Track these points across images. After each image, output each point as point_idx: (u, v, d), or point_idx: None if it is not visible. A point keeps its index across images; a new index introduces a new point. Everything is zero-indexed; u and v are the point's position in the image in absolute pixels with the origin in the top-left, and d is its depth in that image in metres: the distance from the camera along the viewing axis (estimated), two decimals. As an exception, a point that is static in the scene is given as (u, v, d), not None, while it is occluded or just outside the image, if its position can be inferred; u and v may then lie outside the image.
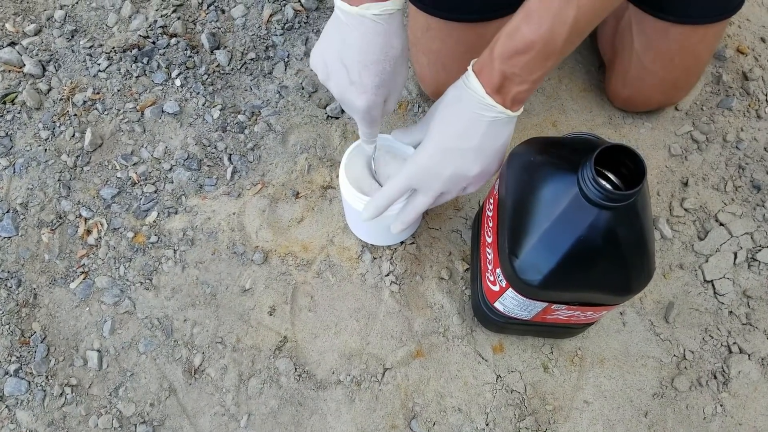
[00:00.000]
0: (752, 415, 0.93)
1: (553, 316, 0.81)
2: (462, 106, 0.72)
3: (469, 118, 0.71)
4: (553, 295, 0.75)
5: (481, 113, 0.71)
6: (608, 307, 0.77)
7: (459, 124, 0.72)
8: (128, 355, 0.96)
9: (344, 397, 0.93)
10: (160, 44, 1.15)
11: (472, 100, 0.70)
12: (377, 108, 0.78)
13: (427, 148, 0.75)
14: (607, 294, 0.72)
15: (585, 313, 0.79)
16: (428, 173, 0.75)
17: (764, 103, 1.13)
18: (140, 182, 1.06)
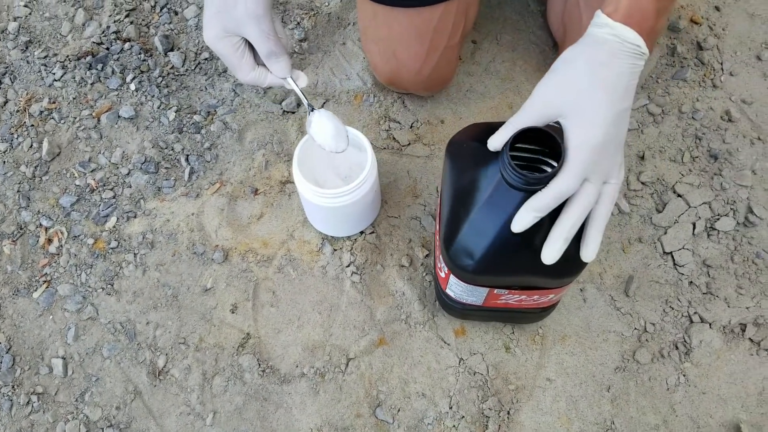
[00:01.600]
0: (716, 383, 0.93)
1: (503, 300, 0.81)
2: (619, 62, 0.63)
3: (628, 73, 0.64)
4: (491, 280, 0.75)
5: (636, 63, 0.64)
6: (554, 290, 0.77)
7: (622, 82, 0.63)
8: (93, 360, 0.96)
9: (308, 389, 0.94)
10: (114, 50, 1.16)
11: (629, 52, 0.63)
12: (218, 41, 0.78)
13: (599, 120, 0.63)
14: (544, 277, 0.72)
15: (532, 297, 0.79)
16: (602, 151, 0.63)
17: (720, 72, 1.13)
18: (99, 188, 1.06)
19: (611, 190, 0.65)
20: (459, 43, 1.04)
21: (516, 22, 1.18)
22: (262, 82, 0.84)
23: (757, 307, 0.97)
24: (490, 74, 1.14)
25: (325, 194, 0.90)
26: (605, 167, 0.64)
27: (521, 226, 0.64)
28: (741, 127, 1.08)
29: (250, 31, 0.78)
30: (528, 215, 0.63)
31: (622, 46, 0.63)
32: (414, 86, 1.05)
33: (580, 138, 0.63)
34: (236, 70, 0.82)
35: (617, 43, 0.63)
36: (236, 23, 0.77)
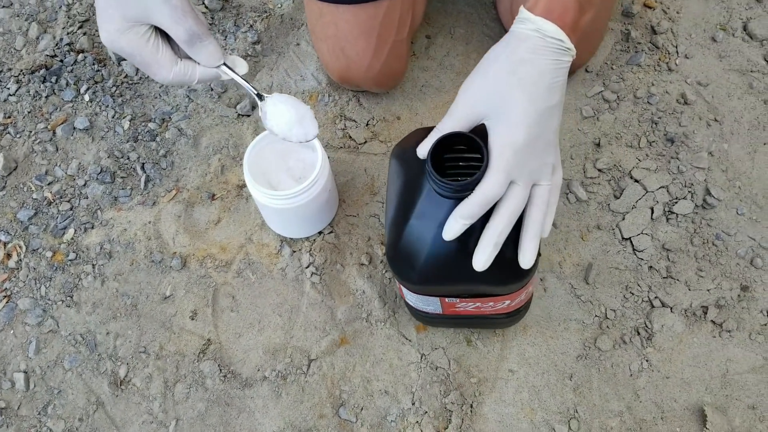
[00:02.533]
0: (679, 367, 0.93)
1: (461, 308, 0.80)
2: (541, 59, 0.61)
3: (552, 69, 0.61)
4: (436, 290, 0.74)
5: (561, 60, 0.62)
6: (506, 296, 0.76)
7: (545, 80, 0.61)
8: (54, 373, 0.96)
9: (270, 392, 0.93)
10: (68, 62, 1.15)
11: (551, 48, 0.61)
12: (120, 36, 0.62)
13: (520, 119, 0.61)
14: (486, 285, 0.70)
15: (486, 304, 0.77)
16: (526, 151, 0.61)
17: (674, 55, 1.13)
18: (56, 201, 1.06)
19: (542, 193, 0.63)
20: (407, 37, 1.04)
21: (469, 15, 1.18)
22: (192, 77, 0.69)
23: (718, 288, 0.97)
24: (445, 68, 1.14)
25: (277, 196, 0.90)
26: (533, 168, 0.62)
27: (451, 234, 0.63)
28: (697, 109, 1.08)
29: (159, 12, 0.61)
30: (456, 223, 0.62)
31: (543, 41, 0.61)
32: (365, 83, 1.04)
33: (501, 140, 0.61)
34: (154, 68, 0.66)
35: (538, 38, 0.61)
36: (139, 6, 0.61)
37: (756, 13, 1.15)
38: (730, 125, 1.07)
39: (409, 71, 1.13)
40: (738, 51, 1.12)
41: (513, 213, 0.62)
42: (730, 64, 1.12)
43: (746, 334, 0.94)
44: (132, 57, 0.65)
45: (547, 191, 0.64)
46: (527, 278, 0.72)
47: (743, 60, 1.12)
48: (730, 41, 1.13)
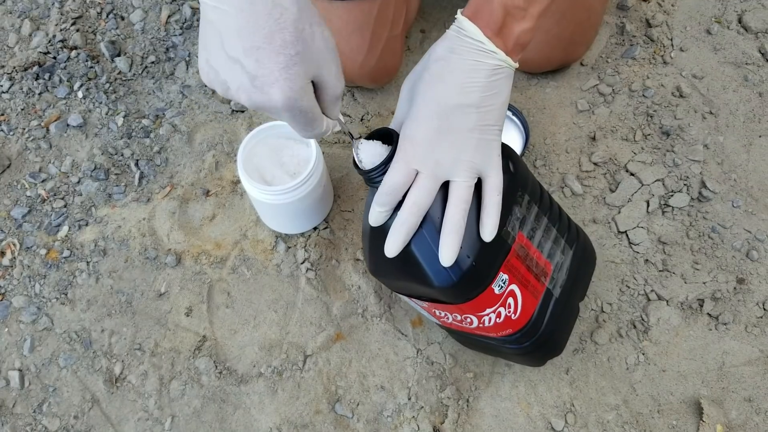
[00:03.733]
0: (675, 360, 0.93)
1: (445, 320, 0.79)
2: (456, 57, 0.62)
3: (468, 69, 0.62)
4: (390, 285, 0.76)
5: (480, 61, 0.62)
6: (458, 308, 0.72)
7: (456, 78, 0.62)
8: (49, 370, 0.95)
9: (266, 388, 0.93)
10: (61, 58, 1.15)
11: (470, 48, 0.62)
12: (303, 95, 0.56)
13: (422, 113, 0.63)
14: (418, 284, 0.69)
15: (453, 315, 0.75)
16: (429, 144, 0.62)
17: (670, 48, 1.13)
18: (49, 198, 1.05)
19: (457, 189, 0.64)
20: (402, 33, 1.04)
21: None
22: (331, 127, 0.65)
23: (714, 281, 0.97)
24: (440, 63, 1.14)
25: (271, 191, 0.90)
26: (438, 162, 0.63)
27: (372, 220, 0.66)
28: (692, 102, 1.08)
29: (329, 70, 0.59)
30: (374, 210, 0.65)
31: (461, 41, 0.62)
32: (360, 79, 1.04)
33: (404, 131, 0.64)
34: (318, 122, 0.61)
35: (456, 37, 0.63)
36: (318, 63, 0.57)
37: (751, 6, 1.15)
38: (726, 118, 1.07)
39: (404, 66, 1.13)
40: (733, 43, 1.12)
41: (414, 203, 0.63)
42: (725, 57, 1.11)
43: (742, 327, 0.94)
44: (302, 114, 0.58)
45: (465, 188, 0.64)
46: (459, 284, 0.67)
47: (738, 53, 1.11)
48: (725, 34, 1.13)
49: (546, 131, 1.07)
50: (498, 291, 0.71)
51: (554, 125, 1.08)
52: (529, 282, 0.74)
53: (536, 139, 1.07)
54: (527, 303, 0.75)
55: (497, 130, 0.66)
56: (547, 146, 1.06)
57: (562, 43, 1.04)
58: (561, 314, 0.80)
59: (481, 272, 0.68)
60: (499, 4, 0.63)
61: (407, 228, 0.64)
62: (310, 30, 0.55)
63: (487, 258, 0.68)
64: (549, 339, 0.80)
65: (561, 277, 0.79)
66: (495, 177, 0.66)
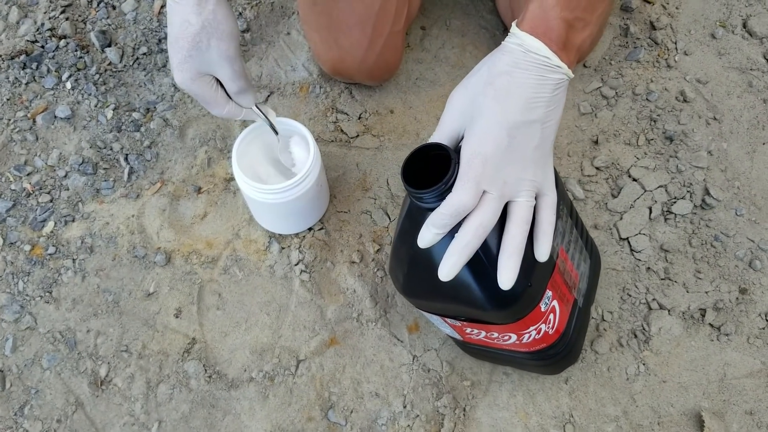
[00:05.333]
0: (676, 371, 0.91)
1: (473, 337, 0.76)
2: (521, 72, 0.60)
3: (533, 83, 0.60)
4: (424, 305, 0.72)
5: (546, 76, 0.61)
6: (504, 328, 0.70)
7: (523, 93, 0.60)
8: (32, 372, 0.92)
9: (257, 394, 0.90)
10: (49, 47, 1.11)
11: (535, 63, 0.60)
12: (192, 84, 0.78)
13: (490, 130, 0.60)
14: (467, 306, 0.66)
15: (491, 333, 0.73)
16: (498, 162, 0.60)
17: (674, 52, 1.11)
18: (35, 192, 1.02)
19: (520, 209, 0.61)
20: (403, 29, 1.01)
21: (465, 6, 1.15)
22: (237, 114, 0.84)
23: (716, 291, 0.95)
24: (440, 61, 1.11)
25: (267, 190, 0.87)
26: (506, 181, 0.60)
27: (424, 242, 0.62)
28: (696, 108, 1.06)
29: (223, 71, 0.78)
30: (428, 232, 0.61)
31: (526, 55, 0.60)
32: (359, 75, 1.01)
33: (471, 149, 0.60)
34: (212, 105, 0.82)
35: (520, 53, 0.61)
36: (209, 65, 0.78)
37: (756, 10, 1.13)
38: (730, 124, 1.05)
39: (404, 63, 1.10)
40: (738, 48, 1.10)
41: (481, 225, 0.60)
42: (730, 62, 1.10)
43: (744, 338, 0.92)
44: (197, 96, 0.81)
45: (527, 208, 0.62)
46: (513, 306, 0.65)
47: (743, 58, 1.10)
48: (730, 38, 1.11)
49: (548, 134, 1.05)
50: (544, 309, 0.69)
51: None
52: (566, 296, 0.73)
53: (537, 141, 1.04)
54: (563, 317, 0.73)
55: (552, 145, 0.64)
56: (548, 149, 1.04)
57: (566, 44, 1.02)
58: (582, 323, 0.79)
59: (533, 291, 0.66)
60: (560, 19, 0.60)
61: (470, 251, 0.60)
62: (206, 42, 0.76)
63: (539, 277, 0.66)
64: (572, 349, 0.79)
65: (584, 286, 0.79)
66: (551, 195, 0.64)
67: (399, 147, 1.04)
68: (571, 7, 0.61)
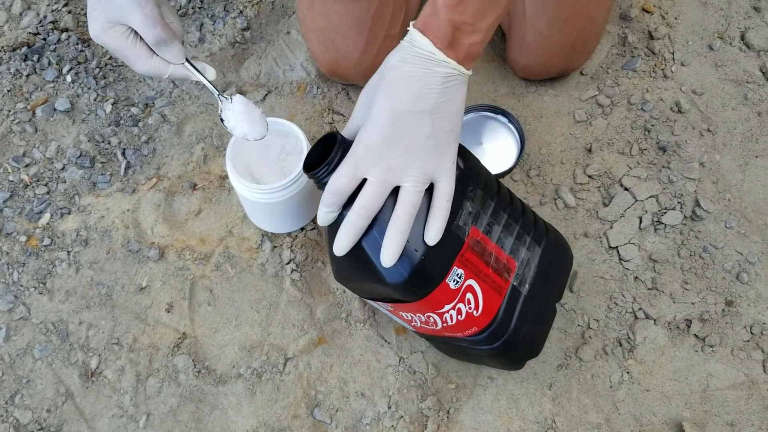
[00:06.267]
0: (659, 380, 0.92)
1: (415, 324, 0.78)
2: (410, 66, 0.64)
3: (421, 76, 0.64)
4: (354, 288, 0.77)
5: (433, 69, 0.63)
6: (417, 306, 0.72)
7: (410, 84, 0.64)
8: (23, 361, 0.94)
9: (245, 390, 0.92)
10: (51, 40, 1.12)
11: (422, 58, 0.64)
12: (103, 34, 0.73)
13: (376, 119, 0.64)
14: (375, 284, 0.69)
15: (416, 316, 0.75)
16: (380, 149, 0.64)
17: (671, 62, 1.11)
18: (32, 184, 1.03)
19: (405, 194, 0.65)
20: (400, 33, 1.01)
21: (464, 11, 1.15)
22: (164, 71, 0.77)
23: (702, 302, 0.96)
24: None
25: (260, 190, 0.88)
26: (390, 167, 0.64)
27: (319, 220, 0.68)
28: (691, 119, 1.07)
29: (133, 18, 0.71)
30: (320, 210, 0.68)
31: (412, 50, 0.64)
32: (355, 77, 1.02)
33: (358, 136, 0.66)
34: (131, 60, 0.75)
35: (408, 47, 0.64)
36: (119, 11, 0.71)
37: (754, 23, 1.13)
38: (723, 136, 1.06)
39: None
40: (734, 61, 1.11)
41: (364, 206, 0.65)
42: (726, 74, 1.10)
43: (728, 350, 0.93)
44: (114, 51, 0.75)
45: (414, 193, 0.65)
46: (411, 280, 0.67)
47: (739, 70, 1.10)
48: (727, 50, 1.12)
49: (542, 140, 1.06)
50: (454, 286, 0.70)
51: (550, 135, 1.06)
52: (489, 277, 0.73)
53: (531, 148, 1.05)
54: (489, 299, 0.74)
55: (453, 136, 0.67)
56: (542, 156, 1.05)
57: (563, 51, 1.02)
58: (533, 313, 0.79)
59: (432, 267, 0.68)
60: (447, 20, 0.63)
61: (356, 229, 0.66)
62: None
63: (439, 252, 0.68)
64: (522, 338, 0.78)
65: (528, 274, 0.79)
66: (446, 183, 0.67)
67: (393, 149, 1.05)
68: (458, 12, 0.63)
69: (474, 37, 0.65)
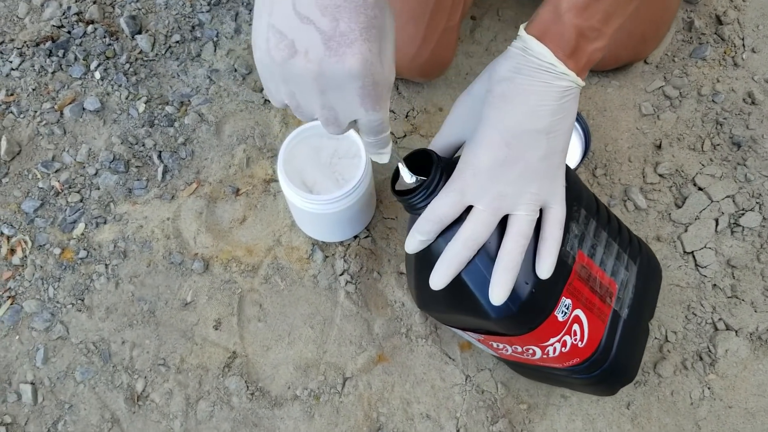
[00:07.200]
0: (743, 396, 0.86)
1: (503, 352, 0.72)
2: (524, 78, 0.56)
3: (537, 91, 0.56)
4: (441, 318, 0.70)
5: (550, 83, 0.56)
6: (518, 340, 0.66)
7: (526, 101, 0.57)
8: (65, 385, 0.88)
9: (302, 413, 0.86)
10: (76, 33, 1.04)
11: (538, 69, 0.56)
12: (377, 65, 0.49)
13: (487, 139, 0.57)
14: (475, 317, 0.63)
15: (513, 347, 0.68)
16: (492, 174, 0.57)
17: (741, 49, 1.04)
18: (64, 191, 0.96)
19: (518, 223, 0.58)
20: (459, 24, 0.94)
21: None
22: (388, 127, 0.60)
23: (785, 310, 0.90)
24: (492, 55, 1.04)
25: (315, 200, 0.81)
26: (502, 194, 0.58)
27: (409, 248, 0.62)
28: (765, 111, 1.00)
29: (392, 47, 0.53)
30: (413, 237, 0.61)
31: (529, 61, 0.56)
32: (409, 72, 0.95)
33: (464, 159, 0.59)
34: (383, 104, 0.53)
35: (522, 57, 0.57)
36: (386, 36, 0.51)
37: (830, 4, 1.05)
38: (802, 129, 0.99)
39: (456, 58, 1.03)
40: (811, 46, 1.03)
41: (470, 238, 0.58)
42: (802, 61, 1.03)
43: (816, 363, 0.88)
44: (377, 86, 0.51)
45: (526, 222, 0.59)
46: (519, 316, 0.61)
47: (816, 57, 1.03)
48: (803, 35, 1.04)
49: (607, 137, 0.99)
50: (562, 318, 0.64)
51: (616, 130, 0.99)
52: (595, 305, 0.68)
53: (596, 144, 0.98)
54: (594, 328, 0.68)
55: (564, 156, 0.60)
56: (608, 153, 0.98)
57: (632, 40, 0.95)
58: (631, 336, 0.73)
59: (541, 299, 0.62)
60: (573, 26, 0.56)
61: (459, 261, 0.59)
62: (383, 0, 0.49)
63: (548, 283, 0.61)
64: (621, 365, 0.73)
65: (627, 295, 0.73)
66: (559, 209, 0.60)
67: (449, 148, 0.98)
68: (586, 16, 0.56)
69: (597, 43, 0.58)
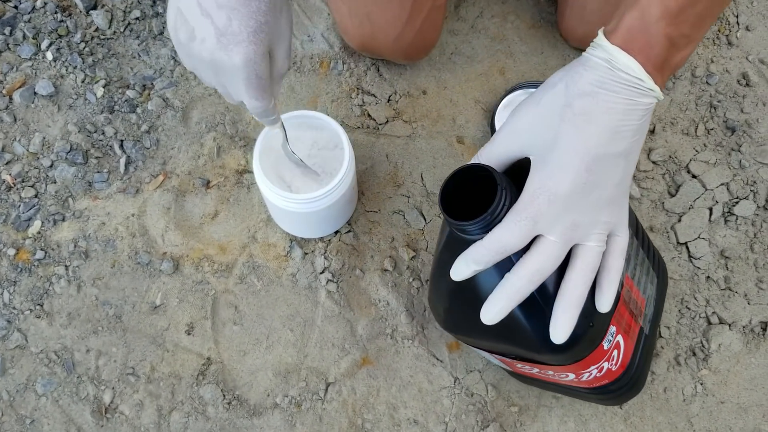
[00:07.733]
0: (735, 390, 0.85)
1: (525, 371, 0.68)
2: (607, 94, 0.51)
3: (622, 109, 0.51)
4: (469, 341, 0.65)
5: (637, 100, 0.51)
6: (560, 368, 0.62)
7: (609, 120, 0.51)
8: (25, 398, 0.81)
9: (283, 422, 0.81)
10: (24, 8, 0.95)
11: (624, 85, 0.51)
12: (261, 64, 0.58)
13: (566, 162, 0.51)
14: (516, 346, 0.58)
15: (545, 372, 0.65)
16: (569, 201, 0.51)
17: (735, 27, 0.99)
18: (16, 185, 0.88)
19: (586, 254, 0.53)
20: (445, 2, 0.87)
21: (505, -32, 1.01)
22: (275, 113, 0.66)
23: (778, 302, 0.87)
24: (478, 32, 0.98)
25: (295, 199, 0.75)
26: (576, 224, 0.52)
27: (456, 275, 0.55)
28: (760, 93, 0.96)
29: (283, 45, 0.61)
30: (464, 265, 0.54)
31: (614, 74, 0.50)
32: (392, 54, 0.88)
33: (539, 182, 0.52)
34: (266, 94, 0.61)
35: (607, 70, 0.50)
36: (277, 36, 0.60)
37: (826, -21, 1.01)
38: (796, 113, 0.95)
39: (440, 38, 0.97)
40: (806, 24, 0.99)
41: (537, 271, 0.52)
42: (797, 40, 0.99)
43: (810, 356, 0.86)
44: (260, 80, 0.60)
45: (595, 254, 0.53)
46: (572, 350, 0.57)
47: (811, 35, 0.99)
48: (797, 12, 1.00)
49: (598, 121, 0.94)
50: (607, 346, 0.61)
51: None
52: (630, 327, 0.65)
53: (587, 130, 0.93)
54: (628, 350, 0.65)
55: (631, 179, 0.56)
56: (599, 140, 0.93)
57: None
58: (649, 351, 0.71)
59: (596, 333, 0.58)
60: (663, 35, 0.50)
61: (521, 296, 0.52)
62: (280, 5, 0.58)
63: (602, 315, 0.57)
64: (639, 380, 0.71)
65: (650, 311, 0.70)
66: (624, 237, 0.55)
67: (433, 135, 0.93)
68: (678, 22, 0.50)
69: (686, 51, 0.52)
